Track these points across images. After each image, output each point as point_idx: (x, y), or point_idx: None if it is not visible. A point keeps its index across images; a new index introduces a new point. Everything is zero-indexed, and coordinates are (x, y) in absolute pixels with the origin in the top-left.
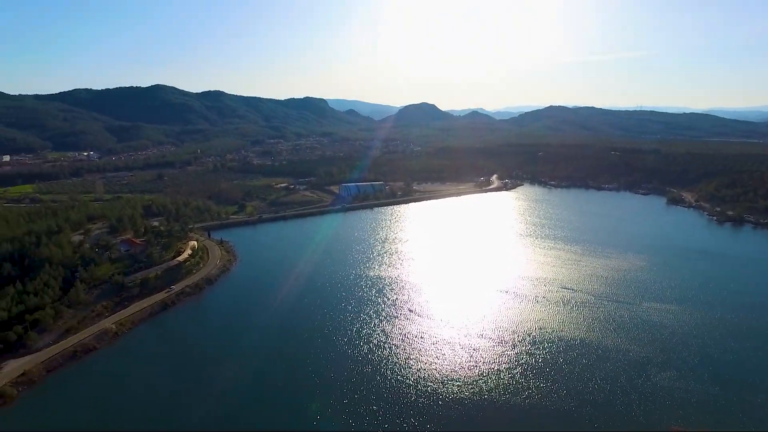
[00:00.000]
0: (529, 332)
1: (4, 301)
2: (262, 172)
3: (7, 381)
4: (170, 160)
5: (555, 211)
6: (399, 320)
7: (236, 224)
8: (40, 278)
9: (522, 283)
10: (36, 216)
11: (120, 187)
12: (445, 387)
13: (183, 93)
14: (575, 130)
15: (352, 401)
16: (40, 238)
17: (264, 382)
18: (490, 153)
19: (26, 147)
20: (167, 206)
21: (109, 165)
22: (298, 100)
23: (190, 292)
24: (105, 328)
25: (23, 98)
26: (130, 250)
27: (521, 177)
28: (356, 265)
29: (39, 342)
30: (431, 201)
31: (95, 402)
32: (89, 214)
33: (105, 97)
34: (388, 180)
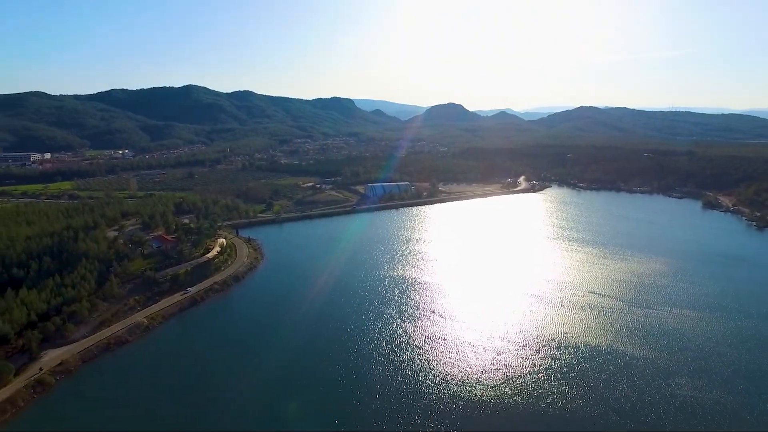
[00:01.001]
0: (553, 336)
1: (43, 293)
2: (289, 171)
3: (46, 370)
4: (200, 159)
5: (583, 213)
6: (422, 321)
7: (263, 223)
8: (77, 272)
9: (547, 287)
10: (74, 212)
11: (153, 185)
12: (468, 389)
13: (214, 93)
14: (606, 131)
15: (373, 400)
16: (78, 233)
17: (286, 379)
18: (518, 154)
19: (66, 145)
20: (197, 204)
21: (142, 163)
22: (325, 100)
23: (219, 289)
24: (137, 322)
25: (64, 98)
26: (161, 246)
27: (549, 179)
28: (380, 265)
29: (75, 333)
30: (457, 202)
31: (127, 393)
32: (123, 211)
33: (140, 97)
34: (414, 180)
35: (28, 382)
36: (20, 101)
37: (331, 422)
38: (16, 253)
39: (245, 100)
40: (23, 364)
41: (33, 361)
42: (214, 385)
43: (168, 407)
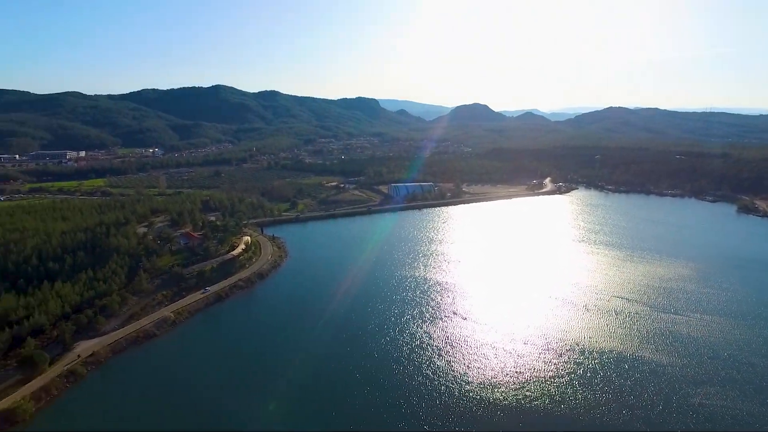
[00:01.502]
0: (577, 341)
1: (77, 286)
2: (314, 171)
3: (79, 361)
4: (227, 158)
5: (611, 216)
6: (443, 322)
7: (287, 221)
8: (108, 266)
9: (572, 290)
10: (106, 208)
11: (181, 183)
12: (488, 392)
13: (241, 93)
14: (636, 132)
15: (392, 400)
16: (110, 229)
17: (307, 376)
18: (544, 155)
19: (99, 143)
20: (223, 202)
21: (171, 161)
22: (350, 100)
23: (243, 286)
24: (164, 316)
25: (98, 98)
26: (188, 243)
27: (576, 180)
28: (402, 265)
29: (106, 326)
30: (481, 203)
31: (154, 385)
32: (153, 208)
33: (170, 96)
34: (438, 181)
35: (61, 371)
36: (57, 101)
37: (350, 421)
38: (52, 247)
39: (271, 100)
40: (57, 354)
41: (66, 351)
42: (237, 380)
43: (192, 401)
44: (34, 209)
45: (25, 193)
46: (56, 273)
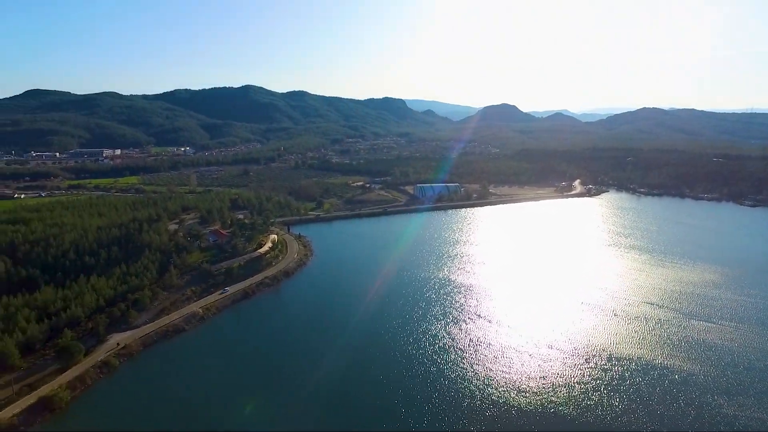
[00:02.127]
0: (604, 347)
1: (111, 280)
2: (340, 171)
3: (111, 353)
4: (256, 157)
5: (642, 220)
6: (466, 324)
7: (313, 220)
8: (141, 262)
9: (599, 294)
10: (140, 205)
11: (210, 181)
12: (512, 395)
13: (270, 93)
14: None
15: (414, 401)
16: (142, 226)
17: (330, 375)
18: (574, 157)
19: (134, 142)
20: (251, 200)
21: (201, 160)
22: (377, 100)
23: (269, 283)
24: (193, 312)
25: (133, 98)
26: (217, 240)
27: (607, 183)
28: (426, 266)
29: (138, 319)
30: (508, 204)
31: (182, 379)
32: (184, 205)
33: (201, 96)
34: (464, 182)
35: (95, 362)
36: (95, 101)
37: (371, 421)
38: (89, 242)
39: (300, 100)
40: (92, 345)
41: (100, 343)
42: (263, 375)
43: (220, 395)
44: (73, 205)
45: (64, 189)
46: (92, 267)
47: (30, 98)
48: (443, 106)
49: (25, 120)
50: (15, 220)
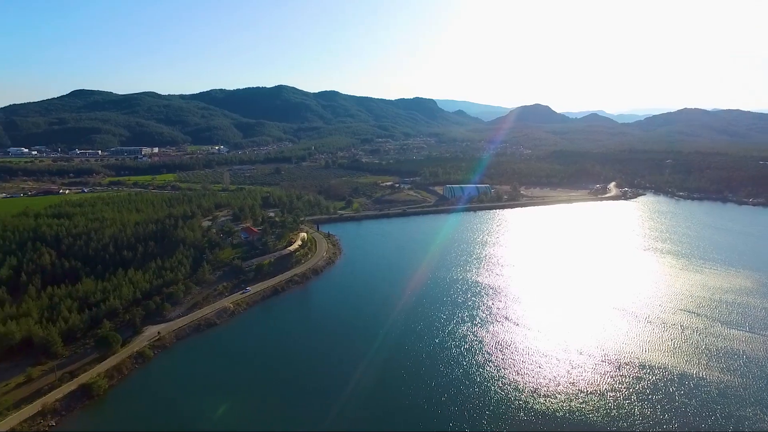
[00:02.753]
0: (637, 354)
1: (147, 274)
2: (370, 170)
3: (147, 344)
4: (287, 156)
5: (681, 224)
6: (493, 327)
7: (342, 219)
8: (175, 257)
9: (633, 300)
10: (175, 202)
11: (243, 179)
12: (539, 400)
13: (302, 93)
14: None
15: (438, 402)
16: (177, 222)
17: (356, 373)
18: (609, 158)
19: (171, 140)
20: (282, 199)
21: (235, 158)
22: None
23: (298, 281)
24: (224, 307)
25: (171, 98)
26: (248, 237)
27: (644, 186)
28: (454, 267)
29: (171, 313)
30: (539, 207)
31: (214, 372)
32: (217, 203)
33: (235, 96)
34: (495, 183)
35: (131, 353)
36: (136, 100)
37: (393, 422)
38: (127, 236)
39: (331, 100)
40: (128, 336)
41: (136, 334)
42: (289, 371)
43: (248, 389)
44: (113, 201)
45: (105, 186)
46: (129, 261)
47: (76, 98)
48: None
49: (70, 119)
50: (60, 215)
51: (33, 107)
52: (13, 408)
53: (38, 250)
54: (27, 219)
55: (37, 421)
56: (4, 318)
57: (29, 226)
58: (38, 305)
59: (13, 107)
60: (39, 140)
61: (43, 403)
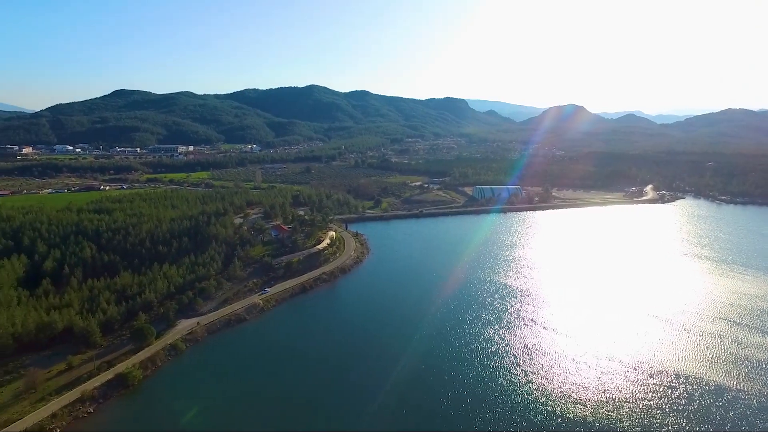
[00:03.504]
0: (671, 363)
1: (181, 269)
2: (399, 170)
3: (179, 337)
4: (317, 155)
5: (722, 229)
6: (521, 330)
7: (371, 219)
8: (208, 253)
9: (668, 307)
10: (208, 199)
11: (274, 177)
12: (567, 407)
13: (333, 93)
14: (760, 137)
15: (463, 404)
16: (210, 219)
17: (380, 372)
18: (646, 160)
19: (206, 139)
20: (312, 197)
21: (267, 157)
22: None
23: (326, 279)
24: (254, 303)
25: (206, 98)
26: (278, 235)
27: (682, 189)
28: (482, 268)
29: (203, 307)
30: (571, 209)
31: (243, 365)
32: (249, 200)
33: (268, 96)
34: (526, 184)
35: (164, 345)
36: (173, 100)
37: (417, 419)
38: (162, 232)
39: (361, 100)
40: (162, 329)
41: (169, 328)
42: (316, 367)
43: (277, 384)
44: (150, 197)
45: (142, 182)
46: (164, 256)
47: (117, 98)
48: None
49: (111, 118)
50: (100, 210)
51: (77, 107)
52: (55, 394)
53: (80, 243)
54: (70, 214)
55: (77, 407)
56: (48, 308)
57: (72, 221)
58: (79, 296)
59: (59, 107)
60: (82, 138)
61: (82, 391)
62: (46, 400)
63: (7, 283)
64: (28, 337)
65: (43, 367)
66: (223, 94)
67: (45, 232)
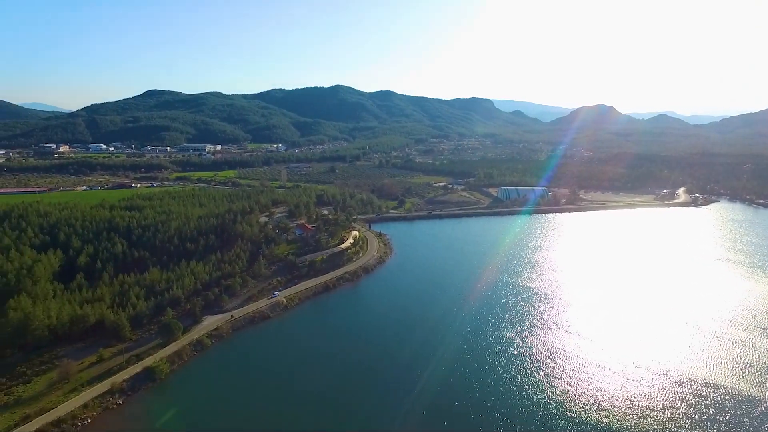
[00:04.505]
0: (700, 371)
1: (207, 266)
2: (423, 170)
3: (205, 333)
4: (342, 155)
5: (759, 235)
6: (543, 333)
7: (394, 219)
8: (234, 251)
9: (698, 313)
10: (235, 197)
11: (299, 177)
12: (591, 414)
13: (358, 93)
14: None
15: (483, 407)
16: (236, 217)
17: (401, 374)
18: (679, 162)
19: (233, 138)
20: (336, 197)
21: (292, 156)
22: (464, 100)
23: (349, 278)
24: (278, 301)
25: (234, 97)
26: (302, 234)
27: (717, 192)
28: (505, 270)
29: (228, 304)
30: (599, 212)
31: (267, 362)
32: (274, 199)
33: (294, 96)
34: (552, 186)
35: (191, 340)
36: (201, 100)
37: (439, 421)
38: (190, 229)
39: (386, 100)
40: (188, 324)
41: (196, 323)
42: (340, 367)
43: (299, 382)
44: (178, 195)
45: (172, 180)
46: (192, 253)
47: (148, 98)
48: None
49: (143, 117)
50: (131, 207)
51: (111, 107)
52: (87, 385)
53: (112, 239)
54: (103, 210)
55: (107, 398)
56: (81, 302)
57: (105, 217)
58: (110, 291)
59: (94, 107)
60: (116, 137)
61: (112, 383)
62: (78, 391)
63: (44, 277)
64: (62, 329)
65: (76, 358)
66: (250, 94)
67: (79, 228)
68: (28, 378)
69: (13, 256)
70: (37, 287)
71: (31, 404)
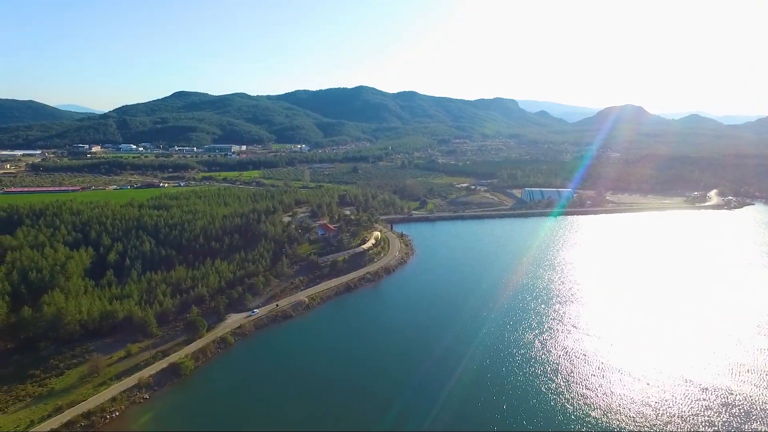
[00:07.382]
0: (726, 377)
1: (231, 265)
2: (446, 171)
3: (229, 331)
4: (365, 155)
5: None
6: (562, 336)
7: (416, 219)
8: (257, 250)
9: (724, 318)
10: (259, 197)
11: (322, 177)
12: (611, 419)
13: (381, 93)
14: None
15: (499, 409)
16: (260, 216)
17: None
18: (711, 163)
19: (258, 139)
20: (358, 197)
21: (315, 157)
22: (487, 100)
23: (370, 279)
24: (300, 300)
25: (259, 98)
26: (325, 234)
27: (752, 195)
28: (526, 273)
29: (252, 303)
30: (626, 214)
31: (289, 361)
32: (297, 199)
33: (318, 96)
34: (578, 187)
35: (215, 338)
36: (228, 101)
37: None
38: (215, 228)
39: (409, 100)
40: (213, 322)
41: (220, 321)
42: (358, 364)
43: (321, 380)
44: (204, 194)
45: (198, 180)
46: (216, 251)
47: (176, 99)
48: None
49: (171, 118)
50: (159, 206)
51: (141, 108)
52: (115, 379)
53: (140, 237)
54: (132, 209)
55: (134, 393)
56: (111, 298)
57: (134, 216)
58: (138, 288)
59: (125, 108)
60: (145, 138)
61: (139, 378)
62: (107, 385)
63: (76, 273)
64: (92, 325)
65: (105, 353)
66: (275, 95)
67: (110, 226)
68: (61, 371)
69: (48, 252)
70: (70, 283)
71: (63, 396)
